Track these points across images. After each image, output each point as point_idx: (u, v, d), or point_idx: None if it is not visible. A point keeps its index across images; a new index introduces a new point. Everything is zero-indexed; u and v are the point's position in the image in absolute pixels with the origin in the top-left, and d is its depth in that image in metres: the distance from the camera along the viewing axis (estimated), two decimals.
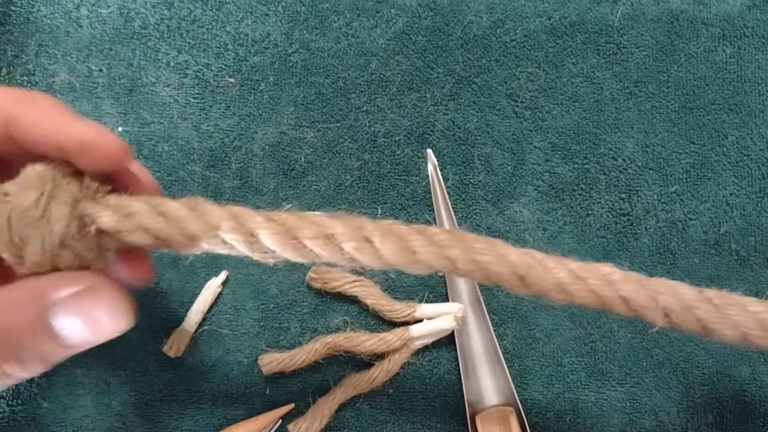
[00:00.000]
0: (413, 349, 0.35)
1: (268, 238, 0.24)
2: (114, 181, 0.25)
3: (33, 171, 0.23)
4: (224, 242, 0.24)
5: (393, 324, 0.36)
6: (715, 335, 0.26)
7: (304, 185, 0.37)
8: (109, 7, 0.37)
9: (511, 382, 0.35)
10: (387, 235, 0.24)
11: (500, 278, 0.25)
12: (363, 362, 0.35)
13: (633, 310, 0.26)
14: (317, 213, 0.25)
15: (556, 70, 0.38)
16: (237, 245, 0.24)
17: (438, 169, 0.37)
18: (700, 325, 0.26)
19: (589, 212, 0.37)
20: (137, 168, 0.27)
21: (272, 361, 0.35)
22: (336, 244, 0.24)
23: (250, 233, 0.24)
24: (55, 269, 0.23)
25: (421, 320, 0.35)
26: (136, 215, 0.23)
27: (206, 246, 0.24)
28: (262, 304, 0.36)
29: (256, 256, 0.24)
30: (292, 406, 0.35)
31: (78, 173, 0.24)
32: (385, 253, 0.24)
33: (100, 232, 0.23)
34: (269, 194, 0.37)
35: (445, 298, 0.36)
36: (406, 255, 0.24)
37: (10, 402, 0.35)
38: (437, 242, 0.24)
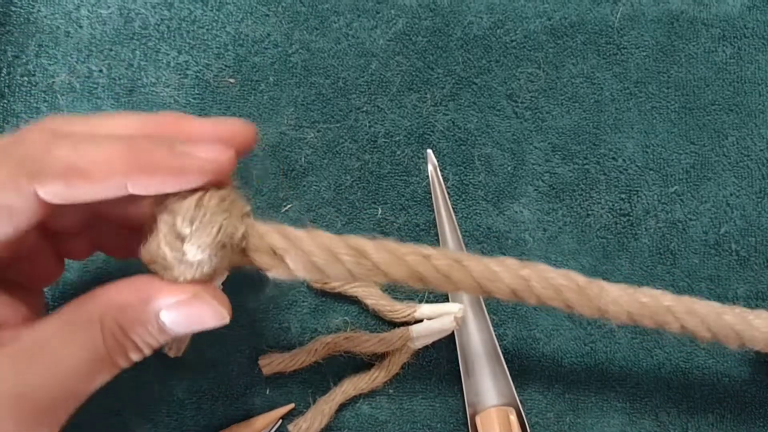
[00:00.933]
0: (413, 349, 0.35)
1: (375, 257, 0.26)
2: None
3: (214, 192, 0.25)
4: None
5: (393, 324, 0.36)
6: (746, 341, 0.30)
7: (304, 185, 0.37)
8: (109, 7, 0.38)
9: (511, 382, 0.35)
10: (476, 259, 0.27)
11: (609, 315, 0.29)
12: (363, 362, 0.35)
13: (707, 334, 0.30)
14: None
15: (556, 71, 0.38)
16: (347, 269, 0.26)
17: (438, 169, 0.37)
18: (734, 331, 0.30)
19: (589, 212, 0.37)
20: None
21: (272, 361, 0.35)
22: (431, 263, 0.26)
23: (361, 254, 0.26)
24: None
25: (421, 320, 0.35)
26: (267, 236, 0.26)
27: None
28: (262, 304, 0.36)
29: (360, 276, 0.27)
30: (292, 406, 0.35)
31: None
32: (475, 274, 0.27)
33: (242, 250, 0.25)
34: (269, 194, 0.37)
35: (445, 299, 0.36)
36: (522, 282, 0.27)
37: None
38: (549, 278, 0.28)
